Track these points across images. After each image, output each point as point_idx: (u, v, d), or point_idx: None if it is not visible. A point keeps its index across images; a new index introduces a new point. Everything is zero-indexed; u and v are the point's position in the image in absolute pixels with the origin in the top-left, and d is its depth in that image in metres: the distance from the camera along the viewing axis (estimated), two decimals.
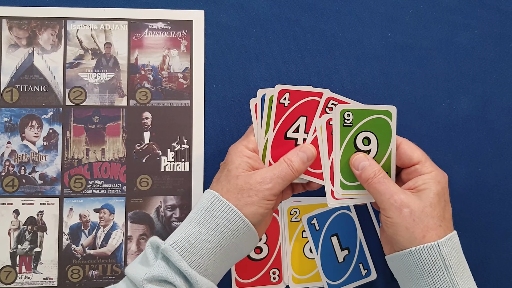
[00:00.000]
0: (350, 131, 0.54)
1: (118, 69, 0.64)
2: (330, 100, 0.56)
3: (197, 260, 0.49)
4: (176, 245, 0.49)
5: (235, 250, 0.52)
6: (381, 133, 0.55)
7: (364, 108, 0.54)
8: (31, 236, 0.62)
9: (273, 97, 0.55)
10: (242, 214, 0.50)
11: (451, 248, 0.49)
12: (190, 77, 0.65)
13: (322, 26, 0.66)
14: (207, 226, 0.50)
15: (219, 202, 0.50)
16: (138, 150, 0.64)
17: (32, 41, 0.64)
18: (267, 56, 0.65)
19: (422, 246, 0.49)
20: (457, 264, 0.49)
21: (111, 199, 0.63)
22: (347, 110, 0.54)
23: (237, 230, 0.50)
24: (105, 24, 0.65)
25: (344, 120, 0.54)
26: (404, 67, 0.66)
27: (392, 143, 0.55)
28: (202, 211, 0.51)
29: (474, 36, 0.67)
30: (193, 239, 0.49)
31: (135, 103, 0.64)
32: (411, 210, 0.49)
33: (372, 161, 0.53)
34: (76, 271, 0.62)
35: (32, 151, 0.63)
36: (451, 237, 0.50)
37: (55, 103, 0.64)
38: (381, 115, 0.54)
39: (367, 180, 0.52)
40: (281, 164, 0.53)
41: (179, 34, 0.65)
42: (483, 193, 0.66)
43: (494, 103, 0.67)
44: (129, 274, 0.49)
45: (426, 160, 0.53)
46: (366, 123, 0.54)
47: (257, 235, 0.52)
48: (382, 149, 0.55)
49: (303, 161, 0.53)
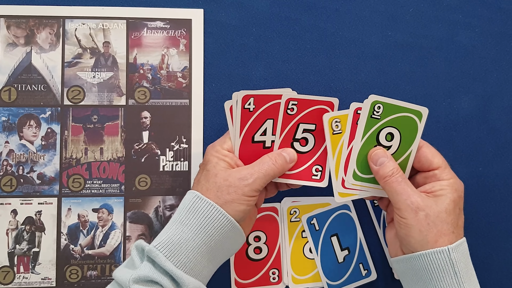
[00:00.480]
0: (376, 123, 0.54)
1: (117, 68, 0.64)
2: (290, 101, 0.55)
3: (182, 260, 0.49)
4: (160, 246, 0.49)
5: (221, 248, 0.51)
6: (406, 132, 0.54)
7: (396, 104, 0.54)
8: (29, 236, 0.62)
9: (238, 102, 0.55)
10: (224, 211, 0.50)
11: (460, 254, 0.49)
12: (189, 76, 0.64)
13: (322, 25, 0.66)
14: (190, 225, 0.50)
15: (200, 201, 0.51)
16: (136, 150, 0.63)
17: (30, 40, 0.64)
18: (267, 55, 0.65)
19: (433, 250, 0.49)
20: (465, 270, 0.49)
21: (110, 199, 0.63)
22: (379, 102, 0.53)
23: (221, 228, 0.50)
24: (104, 22, 0.64)
25: (373, 111, 0.54)
26: (405, 66, 0.66)
27: (415, 145, 0.54)
28: (185, 212, 0.51)
29: (475, 35, 0.67)
30: (177, 239, 0.49)
31: (134, 102, 0.64)
32: (426, 213, 0.49)
33: (391, 158, 0.53)
34: (74, 271, 0.62)
35: (30, 150, 0.63)
36: (461, 243, 0.50)
37: (53, 102, 0.63)
38: (411, 114, 0.54)
39: (384, 177, 0.52)
40: (263, 160, 0.53)
41: (178, 33, 0.65)
42: (484, 193, 0.66)
43: (495, 102, 0.67)
44: (116, 277, 0.49)
45: (446, 167, 0.53)
46: (394, 119, 0.54)
47: (242, 232, 0.52)
48: (403, 148, 0.54)
49: (286, 160, 0.54)
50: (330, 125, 0.55)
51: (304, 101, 0.55)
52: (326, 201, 0.63)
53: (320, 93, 0.64)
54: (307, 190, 0.62)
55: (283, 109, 0.55)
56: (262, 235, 0.63)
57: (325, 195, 0.63)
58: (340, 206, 0.63)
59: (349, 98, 0.65)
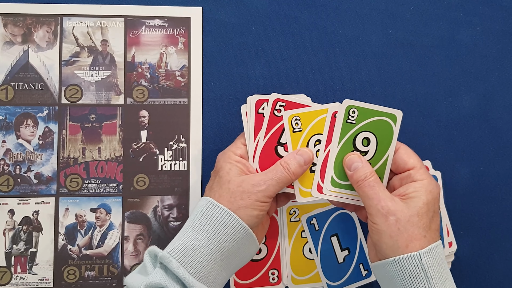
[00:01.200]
0: (352, 128, 0.54)
1: (115, 66, 0.64)
2: (277, 101, 0.55)
3: (196, 267, 0.48)
4: (174, 252, 0.48)
5: (235, 255, 0.51)
6: (382, 136, 0.54)
7: (370, 108, 0.54)
8: (27, 236, 0.61)
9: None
10: (238, 217, 0.50)
11: (433, 259, 0.48)
12: (187, 75, 0.64)
13: (321, 23, 0.65)
14: (204, 232, 0.49)
15: (214, 207, 0.50)
16: (135, 149, 0.63)
17: (27, 38, 0.63)
18: (266, 53, 0.65)
19: (404, 256, 0.48)
20: (438, 275, 0.48)
21: (108, 198, 0.62)
22: (354, 106, 0.54)
23: (234, 234, 0.50)
24: (102, 21, 0.64)
25: (348, 116, 0.54)
26: (405, 65, 0.66)
27: (391, 149, 0.54)
28: (198, 218, 0.50)
29: (476, 33, 0.67)
30: (190, 245, 0.49)
31: (132, 101, 0.63)
32: (397, 218, 0.49)
33: (365, 163, 0.53)
34: (72, 271, 0.62)
35: (27, 150, 0.62)
36: (434, 247, 0.49)
37: (50, 101, 0.63)
38: (386, 118, 0.54)
39: (357, 181, 0.52)
40: (276, 167, 0.53)
41: (177, 31, 0.64)
42: (485, 193, 0.65)
43: (497, 101, 0.66)
44: (127, 283, 0.49)
45: (421, 168, 0.53)
46: (370, 123, 0.54)
47: (255, 239, 0.52)
48: (380, 152, 0.54)
49: (300, 164, 0.53)
50: (290, 123, 0.54)
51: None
52: (326, 201, 0.63)
53: (320, 92, 0.65)
54: None
55: (271, 109, 0.55)
56: None
57: None
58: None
59: (349, 97, 0.64)
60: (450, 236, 0.61)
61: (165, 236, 0.62)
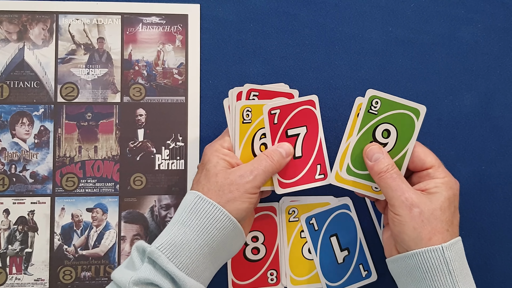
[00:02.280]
0: (373, 118, 0.54)
1: (111, 64, 0.63)
2: (251, 91, 0.55)
3: (184, 262, 0.48)
4: (162, 247, 0.48)
5: (223, 249, 0.51)
6: (403, 130, 0.54)
7: (394, 100, 0.53)
8: (22, 236, 0.61)
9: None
10: (227, 212, 0.49)
11: (455, 253, 0.48)
12: (185, 73, 0.63)
13: (321, 20, 0.65)
14: (192, 226, 0.49)
15: (202, 201, 0.50)
16: (131, 148, 0.62)
17: (23, 36, 0.62)
18: (265, 51, 0.64)
19: (427, 249, 0.48)
20: (460, 270, 0.48)
21: (104, 198, 0.62)
22: (377, 97, 0.53)
23: (223, 228, 0.50)
24: (98, 18, 0.63)
25: (371, 106, 0.54)
26: (405, 63, 0.65)
27: (411, 143, 0.54)
28: (186, 212, 0.50)
29: (478, 31, 0.66)
30: (179, 240, 0.48)
31: (129, 99, 0.63)
32: (421, 210, 0.49)
33: (386, 155, 0.53)
34: (68, 272, 0.61)
35: (22, 149, 0.61)
36: (456, 242, 0.49)
37: (46, 100, 0.62)
38: (409, 112, 0.54)
39: (379, 173, 0.52)
40: (260, 157, 0.53)
41: (174, 28, 0.63)
42: (487, 192, 0.65)
43: (498, 99, 0.65)
44: (115, 278, 0.48)
45: (440, 166, 0.53)
46: (392, 115, 0.54)
47: (243, 232, 0.52)
48: (399, 146, 0.54)
49: (282, 155, 0.54)
50: (241, 113, 0.54)
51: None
52: (325, 201, 0.62)
53: (319, 90, 0.64)
54: (306, 189, 0.61)
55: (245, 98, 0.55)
56: (260, 235, 0.62)
57: (324, 195, 0.62)
58: (340, 206, 0.62)
59: (348, 95, 0.64)
60: None
61: None
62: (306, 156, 0.56)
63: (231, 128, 0.55)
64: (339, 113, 0.64)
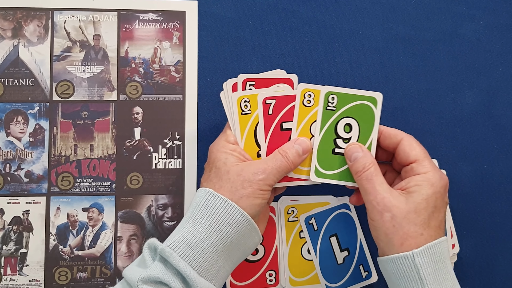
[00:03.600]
0: (332, 115, 0.53)
1: (108, 62, 0.62)
2: (246, 81, 0.55)
3: (197, 260, 0.47)
4: (174, 245, 0.47)
5: (237, 247, 0.50)
6: (364, 120, 0.53)
7: (349, 93, 0.53)
8: (17, 236, 0.60)
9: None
10: (240, 207, 0.48)
11: (428, 258, 0.47)
12: (182, 71, 0.62)
13: (320, 17, 0.64)
14: (204, 223, 0.48)
15: (214, 198, 0.49)
16: (128, 147, 0.61)
17: (17, 33, 0.61)
18: (263, 48, 0.63)
19: (398, 256, 0.47)
20: (434, 276, 0.46)
21: (100, 197, 0.61)
22: (332, 93, 0.53)
23: (236, 225, 0.49)
24: (94, 15, 0.62)
25: (328, 103, 0.53)
26: (406, 60, 0.64)
27: (374, 133, 0.53)
28: (198, 209, 0.49)
29: (480, 28, 0.65)
30: (191, 238, 0.47)
31: (125, 97, 0.62)
32: (392, 215, 0.47)
33: (366, 153, 0.52)
34: (63, 273, 0.60)
35: (17, 147, 0.61)
36: (430, 246, 0.47)
37: (41, 98, 0.61)
38: (367, 102, 0.53)
39: (356, 173, 0.51)
40: (275, 156, 0.52)
41: (171, 25, 0.63)
42: (489, 192, 0.64)
43: (500, 97, 0.65)
44: (125, 276, 0.48)
45: (425, 159, 0.51)
46: (350, 108, 0.53)
47: (258, 229, 0.51)
48: (363, 137, 0.53)
49: (298, 153, 0.52)
50: (239, 105, 0.54)
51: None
52: (325, 200, 0.61)
53: None
54: (306, 189, 0.60)
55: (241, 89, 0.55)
56: None
57: (324, 194, 0.61)
58: (339, 206, 0.61)
59: None
60: (453, 238, 0.60)
61: (160, 236, 0.61)
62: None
63: (231, 121, 0.54)
64: None
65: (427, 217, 0.48)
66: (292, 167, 0.52)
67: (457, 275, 0.59)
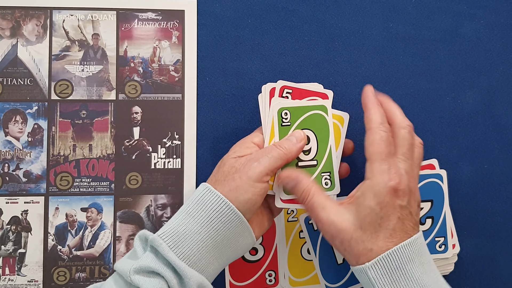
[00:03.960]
0: (289, 130, 0.53)
1: (107, 61, 0.62)
2: (284, 89, 0.54)
3: (186, 253, 0.47)
4: (165, 235, 0.47)
5: (228, 245, 0.50)
6: (319, 129, 0.53)
7: (300, 105, 0.53)
8: (15, 236, 0.60)
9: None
10: (233, 205, 0.48)
11: (381, 271, 0.46)
12: (182, 70, 0.62)
13: (320, 16, 0.63)
14: (197, 217, 0.48)
15: (209, 193, 0.49)
16: (127, 147, 0.61)
17: (16, 32, 0.61)
18: (263, 47, 0.63)
19: (355, 269, 0.48)
20: (390, 285, 0.46)
21: (99, 197, 0.60)
22: (284, 108, 0.53)
23: (228, 223, 0.48)
24: (93, 14, 0.62)
25: (282, 120, 0.53)
26: (406, 60, 0.64)
27: (331, 139, 0.53)
28: (193, 203, 0.49)
29: (480, 27, 0.65)
30: (182, 230, 0.47)
31: (124, 97, 0.61)
32: (341, 240, 0.48)
33: (301, 179, 0.50)
34: (62, 273, 0.60)
35: (16, 147, 0.60)
36: (381, 258, 0.46)
37: (40, 97, 0.61)
38: (317, 111, 0.54)
39: (300, 202, 0.51)
40: (270, 147, 0.52)
41: (171, 24, 0.62)
42: (489, 192, 0.64)
43: (501, 96, 0.64)
44: (117, 268, 0.48)
45: (374, 161, 0.48)
46: (304, 120, 0.53)
47: (251, 230, 0.50)
48: (322, 146, 0.53)
49: (292, 141, 0.52)
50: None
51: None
52: None
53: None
54: None
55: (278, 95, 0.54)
56: None
57: None
58: None
59: (348, 93, 0.63)
60: (454, 238, 0.59)
61: None
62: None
63: (265, 126, 0.54)
64: None
65: (374, 230, 0.46)
66: (288, 155, 0.51)
67: (457, 275, 0.58)
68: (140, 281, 0.45)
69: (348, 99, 0.63)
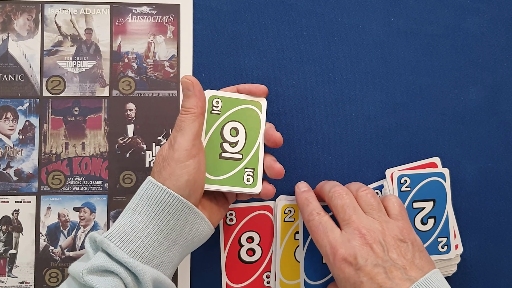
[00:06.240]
0: (218, 119, 0.53)
1: (100, 56, 0.60)
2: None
3: (137, 249, 0.46)
4: (111, 236, 0.46)
5: (182, 235, 0.49)
6: (250, 125, 0.54)
7: (234, 97, 0.54)
8: (6, 237, 0.58)
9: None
10: (174, 192, 0.47)
11: None
12: (177, 66, 0.61)
13: (319, 10, 0.62)
14: (143, 213, 0.48)
15: (151, 185, 0.48)
16: (121, 144, 0.60)
17: (6, 27, 0.60)
18: (260, 42, 0.61)
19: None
20: None
21: (92, 197, 0.59)
22: (217, 97, 0.53)
23: (175, 212, 0.48)
24: (86, 8, 0.61)
25: (212, 107, 0.53)
26: (408, 55, 0.62)
27: (261, 137, 0.54)
28: (138, 199, 0.49)
29: (484, 21, 0.63)
30: (129, 228, 0.47)
31: (118, 93, 0.60)
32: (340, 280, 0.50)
33: (310, 200, 0.54)
34: (54, 274, 0.58)
35: (6, 145, 0.59)
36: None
37: (31, 94, 0.59)
38: (251, 106, 0.54)
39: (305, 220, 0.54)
40: (177, 119, 0.50)
41: (166, 19, 0.61)
42: (493, 191, 0.62)
43: (505, 93, 0.63)
44: (70, 271, 0.47)
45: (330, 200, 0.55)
46: (235, 112, 0.54)
47: (203, 216, 0.50)
48: (250, 142, 0.53)
49: (188, 94, 0.50)
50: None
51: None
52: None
53: (318, 84, 0.61)
54: None
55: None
56: (255, 236, 0.59)
57: None
58: None
59: (348, 89, 0.62)
60: (456, 239, 0.58)
61: None
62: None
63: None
64: (339, 108, 0.61)
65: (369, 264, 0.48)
66: (197, 110, 0.50)
67: (460, 276, 0.57)
68: (94, 281, 0.44)
69: (348, 95, 0.61)
